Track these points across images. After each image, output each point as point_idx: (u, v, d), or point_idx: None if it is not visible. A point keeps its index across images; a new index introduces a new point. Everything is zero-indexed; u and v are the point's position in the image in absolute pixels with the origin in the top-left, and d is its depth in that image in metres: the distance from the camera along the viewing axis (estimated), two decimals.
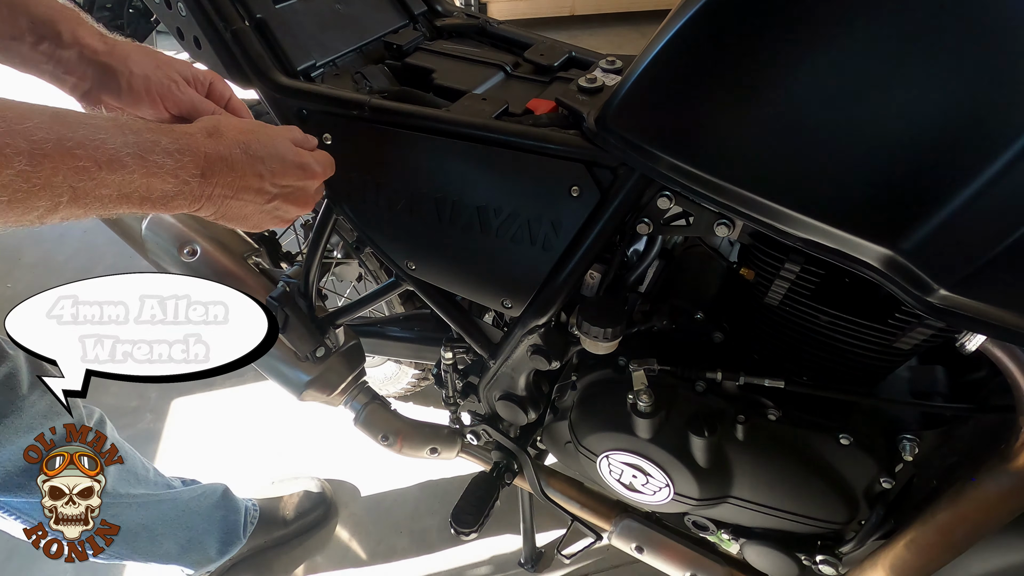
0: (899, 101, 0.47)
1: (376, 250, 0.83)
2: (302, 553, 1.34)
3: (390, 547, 1.36)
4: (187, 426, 1.59)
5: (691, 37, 0.53)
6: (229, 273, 0.97)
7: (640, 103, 0.59)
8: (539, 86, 0.84)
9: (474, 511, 0.95)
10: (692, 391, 0.75)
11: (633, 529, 0.94)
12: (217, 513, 1.19)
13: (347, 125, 0.75)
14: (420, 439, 1.07)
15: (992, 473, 0.60)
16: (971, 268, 0.46)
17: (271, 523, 1.31)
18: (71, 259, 2.09)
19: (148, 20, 1.05)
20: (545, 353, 0.77)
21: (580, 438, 0.85)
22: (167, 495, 1.09)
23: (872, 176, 0.49)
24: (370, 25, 0.93)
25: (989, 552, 0.65)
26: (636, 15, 3.83)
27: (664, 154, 0.57)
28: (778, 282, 0.63)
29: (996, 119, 0.44)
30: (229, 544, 1.20)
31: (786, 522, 0.77)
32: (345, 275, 1.29)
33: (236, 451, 1.53)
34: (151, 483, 1.07)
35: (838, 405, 0.71)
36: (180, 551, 1.11)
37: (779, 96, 0.51)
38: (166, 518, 1.08)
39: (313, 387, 1.00)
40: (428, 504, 1.43)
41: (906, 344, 0.61)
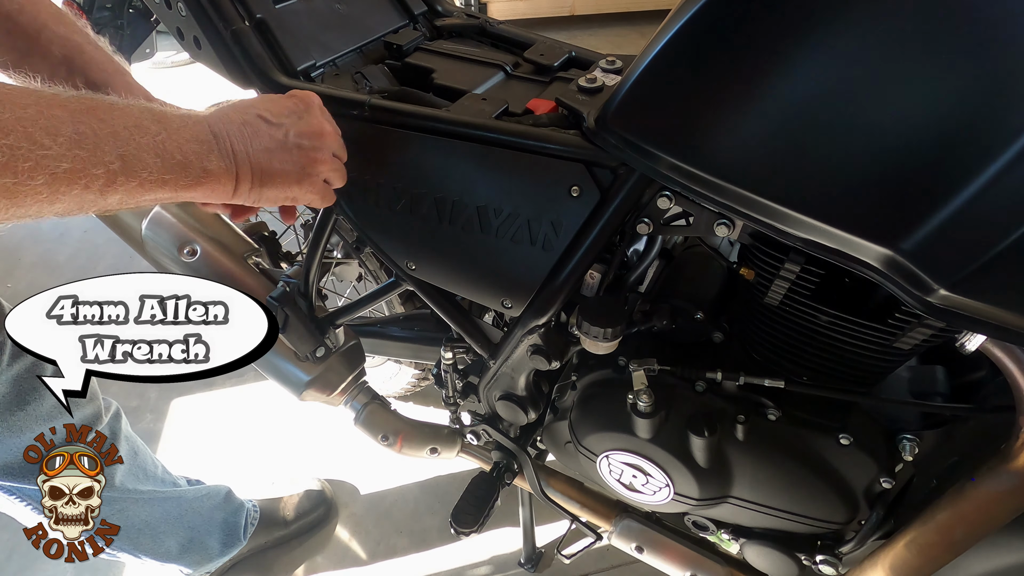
0: (899, 101, 0.47)
1: (376, 250, 0.83)
2: (302, 553, 1.34)
3: (390, 547, 1.36)
4: (187, 426, 1.59)
5: (691, 37, 0.53)
6: (229, 273, 0.97)
7: (640, 103, 0.59)
8: (539, 86, 0.84)
9: (474, 511, 0.95)
10: (692, 391, 0.75)
11: (633, 529, 0.94)
12: (219, 514, 1.19)
13: (347, 125, 0.74)
14: (420, 439, 1.07)
15: (992, 473, 0.60)
16: (971, 268, 0.46)
17: (272, 523, 1.31)
18: (71, 259, 2.09)
19: (148, 20, 1.05)
20: (545, 353, 0.77)
21: (580, 438, 0.85)
22: (172, 493, 1.09)
23: (872, 176, 0.49)
24: (370, 25, 0.93)
25: (989, 552, 0.65)
26: (636, 15, 3.83)
27: (664, 154, 0.57)
28: (778, 282, 0.63)
29: (996, 119, 0.44)
30: (229, 545, 1.20)
31: (786, 522, 0.77)
32: (345, 275, 1.29)
33: (236, 451, 1.53)
34: (159, 480, 1.08)
35: (838, 405, 0.71)
36: (181, 550, 1.11)
37: (779, 96, 0.51)
38: (169, 516, 1.08)
39: (313, 387, 1.00)
40: (428, 504, 1.43)
41: (906, 344, 0.61)
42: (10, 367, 0.80)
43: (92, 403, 0.93)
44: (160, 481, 1.08)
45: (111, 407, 0.99)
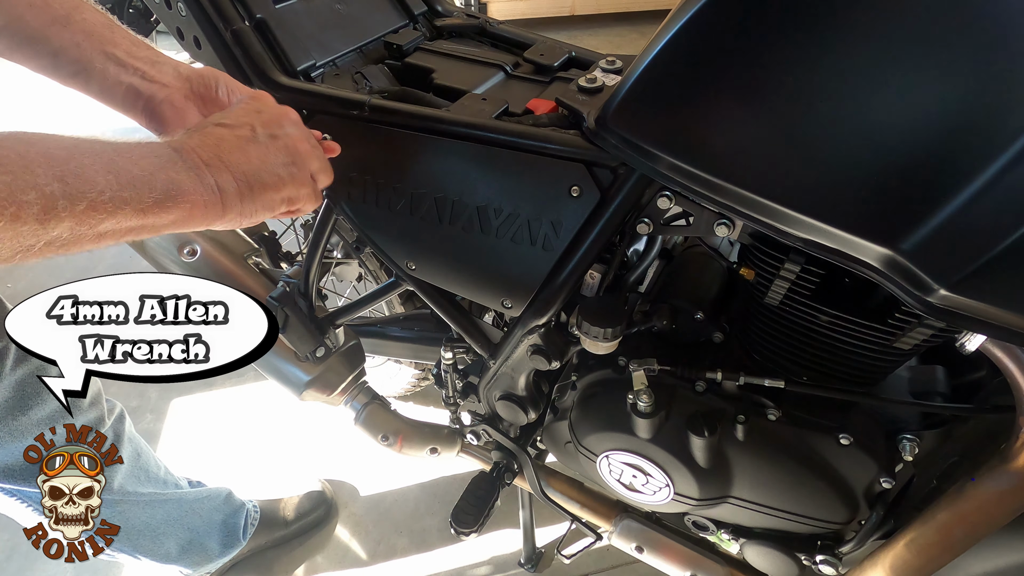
0: (899, 101, 0.47)
1: (376, 250, 0.83)
2: (302, 553, 1.34)
3: (390, 547, 1.36)
4: (187, 426, 1.59)
5: (691, 37, 0.53)
6: (229, 273, 0.97)
7: (640, 103, 0.59)
8: (539, 86, 0.84)
9: (474, 511, 0.95)
10: (692, 391, 0.75)
11: (633, 529, 0.94)
12: (218, 515, 1.19)
13: (347, 125, 0.75)
14: (420, 439, 1.07)
15: (992, 473, 0.60)
16: (971, 268, 0.46)
17: (272, 524, 1.31)
18: (71, 259, 2.09)
19: (148, 20, 1.05)
20: (545, 353, 0.77)
21: (580, 438, 0.85)
22: (173, 495, 1.09)
23: (872, 176, 0.49)
24: (370, 25, 0.93)
25: (989, 552, 0.65)
26: (636, 15, 3.83)
27: (664, 154, 0.57)
28: (778, 282, 0.63)
29: (996, 119, 0.44)
30: (229, 545, 1.20)
31: (786, 522, 0.77)
32: (345, 275, 1.29)
33: (236, 451, 1.53)
34: (161, 482, 1.08)
35: (838, 405, 0.71)
36: (180, 551, 1.11)
37: (779, 96, 0.51)
38: (170, 518, 1.08)
39: (313, 387, 1.00)
40: (428, 504, 1.43)
41: (906, 344, 0.61)
42: (13, 371, 0.80)
43: (95, 407, 0.93)
44: (162, 483, 1.08)
45: (115, 409, 0.99)
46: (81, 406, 0.90)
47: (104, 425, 0.95)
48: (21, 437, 0.82)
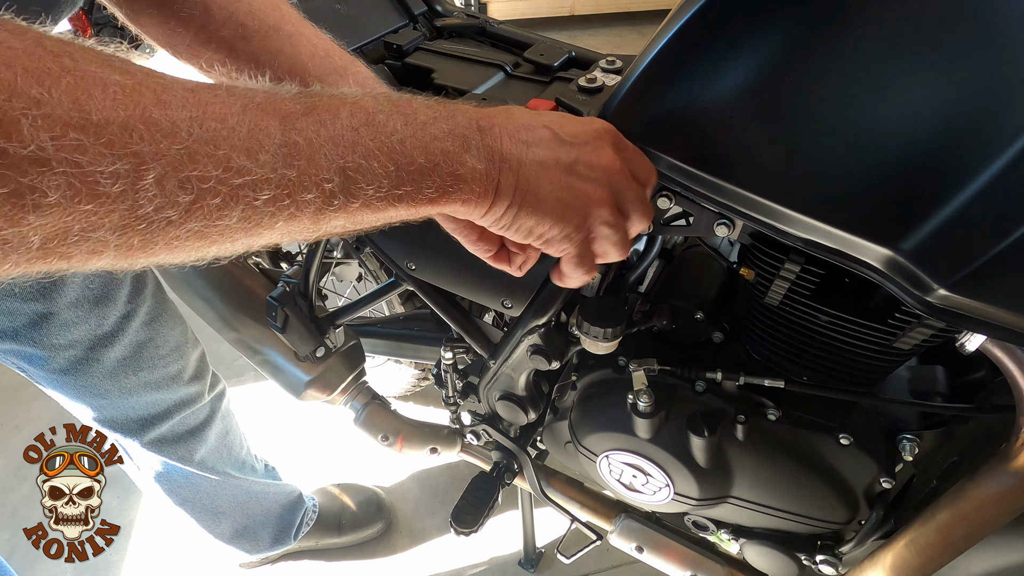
0: (899, 101, 0.47)
1: (376, 250, 0.83)
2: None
3: (390, 547, 1.36)
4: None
5: (691, 37, 0.53)
6: (229, 273, 0.97)
7: (640, 103, 0.59)
8: (539, 86, 0.84)
9: (474, 511, 0.95)
10: (692, 391, 0.75)
11: (633, 529, 0.94)
12: (277, 509, 1.22)
13: None
14: (420, 439, 1.07)
15: (992, 473, 0.60)
16: (971, 268, 0.46)
17: (325, 529, 1.32)
18: None
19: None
20: (545, 353, 0.77)
21: (580, 438, 0.85)
22: (243, 481, 1.13)
23: (872, 176, 0.49)
24: (370, 25, 0.93)
25: (989, 552, 0.65)
26: (636, 15, 3.83)
27: (664, 154, 0.57)
28: (778, 282, 0.63)
29: (996, 119, 0.44)
30: (279, 541, 1.24)
31: (786, 522, 0.77)
32: (345, 275, 1.29)
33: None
34: (239, 463, 1.13)
35: (838, 405, 0.71)
36: (233, 534, 1.15)
37: (778, 96, 0.51)
38: (235, 501, 1.12)
39: (313, 387, 1.00)
40: (428, 504, 1.43)
41: (906, 344, 0.61)
42: (137, 333, 0.85)
43: (198, 381, 0.98)
44: (240, 464, 1.13)
45: (217, 385, 1.05)
46: (183, 378, 0.95)
47: (202, 400, 1.00)
48: (128, 395, 0.87)
